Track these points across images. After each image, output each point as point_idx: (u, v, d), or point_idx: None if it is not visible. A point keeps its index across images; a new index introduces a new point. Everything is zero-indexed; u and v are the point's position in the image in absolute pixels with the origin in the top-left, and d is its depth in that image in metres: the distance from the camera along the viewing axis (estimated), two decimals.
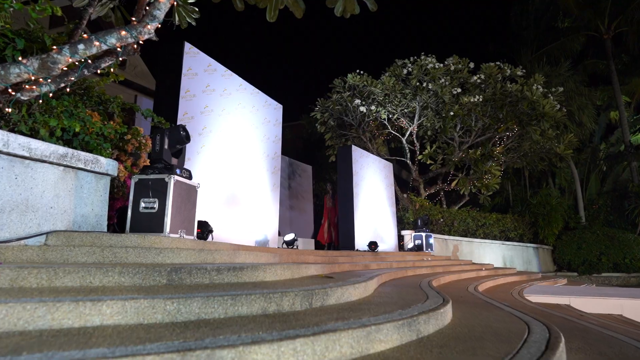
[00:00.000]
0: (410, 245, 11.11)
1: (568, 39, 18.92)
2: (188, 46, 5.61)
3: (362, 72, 13.24)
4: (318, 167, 15.76)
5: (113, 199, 4.21)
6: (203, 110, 5.82)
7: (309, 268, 3.63)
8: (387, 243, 10.48)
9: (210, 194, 5.66)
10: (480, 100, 12.71)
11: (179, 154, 3.97)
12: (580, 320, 3.59)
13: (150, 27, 2.87)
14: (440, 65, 13.21)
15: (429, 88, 12.91)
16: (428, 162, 14.18)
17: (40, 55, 2.68)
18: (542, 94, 12.83)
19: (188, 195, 3.79)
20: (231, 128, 6.40)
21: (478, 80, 13.29)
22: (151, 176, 3.57)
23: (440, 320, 2.39)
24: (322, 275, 3.73)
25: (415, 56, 13.49)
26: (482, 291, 5.48)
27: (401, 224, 12.23)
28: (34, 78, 2.73)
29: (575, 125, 16.35)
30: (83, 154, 3.30)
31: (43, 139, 3.24)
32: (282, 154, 8.30)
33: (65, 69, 2.95)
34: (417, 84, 13.13)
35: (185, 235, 3.70)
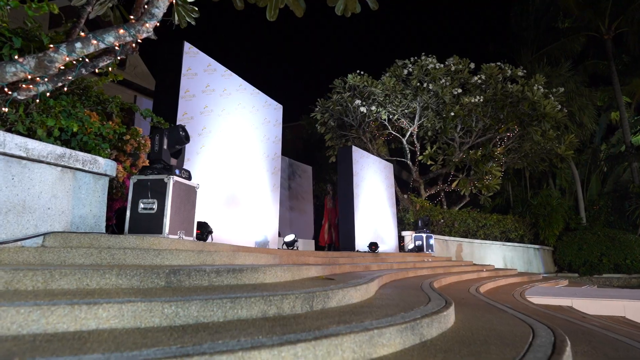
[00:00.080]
0: (410, 246, 11.07)
1: (568, 39, 18.89)
2: (187, 46, 5.57)
3: (363, 73, 13.20)
4: (318, 168, 15.72)
5: (112, 199, 4.18)
6: (203, 110, 5.78)
7: (310, 269, 3.59)
8: (388, 244, 10.44)
9: (210, 194, 5.62)
10: (480, 100, 12.67)
11: (178, 154, 3.94)
12: (583, 323, 3.55)
13: (149, 26, 2.84)
14: (441, 65, 13.16)
15: (430, 88, 12.87)
16: (428, 163, 14.14)
17: (37, 53, 2.64)
18: (543, 95, 12.79)
19: (187, 196, 3.75)
20: (231, 128, 6.37)
21: (479, 81, 13.25)
22: (150, 177, 3.53)
23: (444, 324, 2.35)
24: (323, 276, 3.69)
25: (416, 56, 13.46)
26: (484, 292, 5.44)
27: (401, 224, 12.19)
28: (30, 77, 2.69)
29: (575, 125, 16.32)
30: (81, 154, 3.26)
31: (40, 139, 3.20)
32: (282, 155, 8.26)
33: (63, 68, 2.92)
34: (418, 84, 13.09)
35: (185, 237, 3.66)
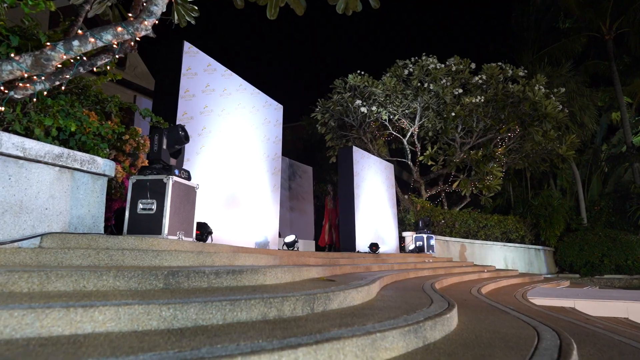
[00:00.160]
0: (411, 246, 11.03)
1: (569, 39, 18.84)
2: (187, 45, 5.54)
3: (363, 73, 13.15)
4: (319, 168, 15.68)
5: (111, 200, 4.14)
6: (202, 110, 5.75)
7: (310, 270, 3.55)
8: (388, 244, 10.39)
9: (210, 195, 5.58)
10: (481, 101, 12.63)
11: (178, 154, 3.90)
12: (587, 325, 3.51)
13: (147, 24, 2.80)
14: (442, 65, 13.12)
15: (430, 89, 12.83)
16: (429, 163, 14.09)
17: (34, 52, 2.61)
18: (544, 95, 12.74)
19: (187, 196, 3.72)
20: (231, 128, 6.33)
21: (479, 81, 13.21)
22: (149, 177, 3.50)
23: (447, 326, 2.31)
24: (324, 278, 3.65)
25: (417, 57, 13.42)
26: (486, 294, 5.40)
27: (402, 225, 12.15)
28: (27, 75, 2.66)
29: (576, 126, 16.27)
30: (79, 154, 3.22)
31: (38, 139, 3.16)
32: (283, 155, 8.22)
33: (60, 67, 2.88)
34: (418, 84, 13.05)
35: (184, 237, 3.62)
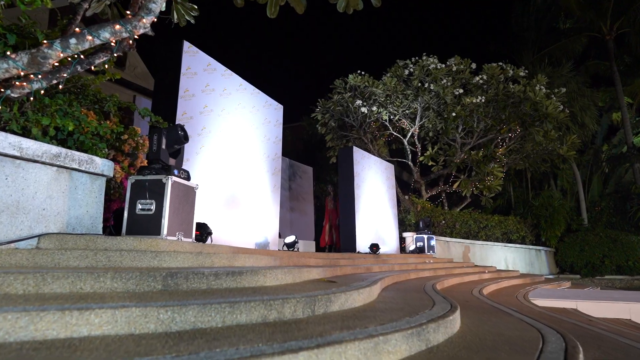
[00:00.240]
0: (412, 247, 10.99)
1: (570, 40, 18.80)
2: (187, 45, 5.50)
3: (364, 73, 13.11)
4: (319, 169, 15.63)
5: (109, 200, 4.10)
6: (202, 110, 5.71)
7: (311, 272, 3.51)
8: (389, 245, 10.35)
9: (210, 195, 5.55)
10: (482, 101, 12.59)
11: (177, 154, 3.86)
12: (591, 327, 3.47)
13: (146, 21, 2.76)
14: (442, 65, 13.08)
15: (431, 89, 12.79)
16: (430, 164, 14.06)
17: (30, 50, 2.57)
18: (545, 95, 12.70)
19: (186, 197, 3.68)
20: (231, 128, 6.29)
21: (480, 81, 13.17)
22: (148, 177, 3.46)
23: (450, 328, 2.27)
24: (324, 279, 3.61)
25: (417, 56, 13.38)
26: (487, 295, 5.36)
27: (403, 226, 12.10)
28: (24, 74, 2.62)
29: (577, 126, 16.23)
30: (77, 154, 3.19)
31: (35, 138, 3.12)
32: (283, 155, 8.18)
33: (58, 65, 2.84)
34: (419, 84, 13.01)
35: (183, 238, 3.58)
